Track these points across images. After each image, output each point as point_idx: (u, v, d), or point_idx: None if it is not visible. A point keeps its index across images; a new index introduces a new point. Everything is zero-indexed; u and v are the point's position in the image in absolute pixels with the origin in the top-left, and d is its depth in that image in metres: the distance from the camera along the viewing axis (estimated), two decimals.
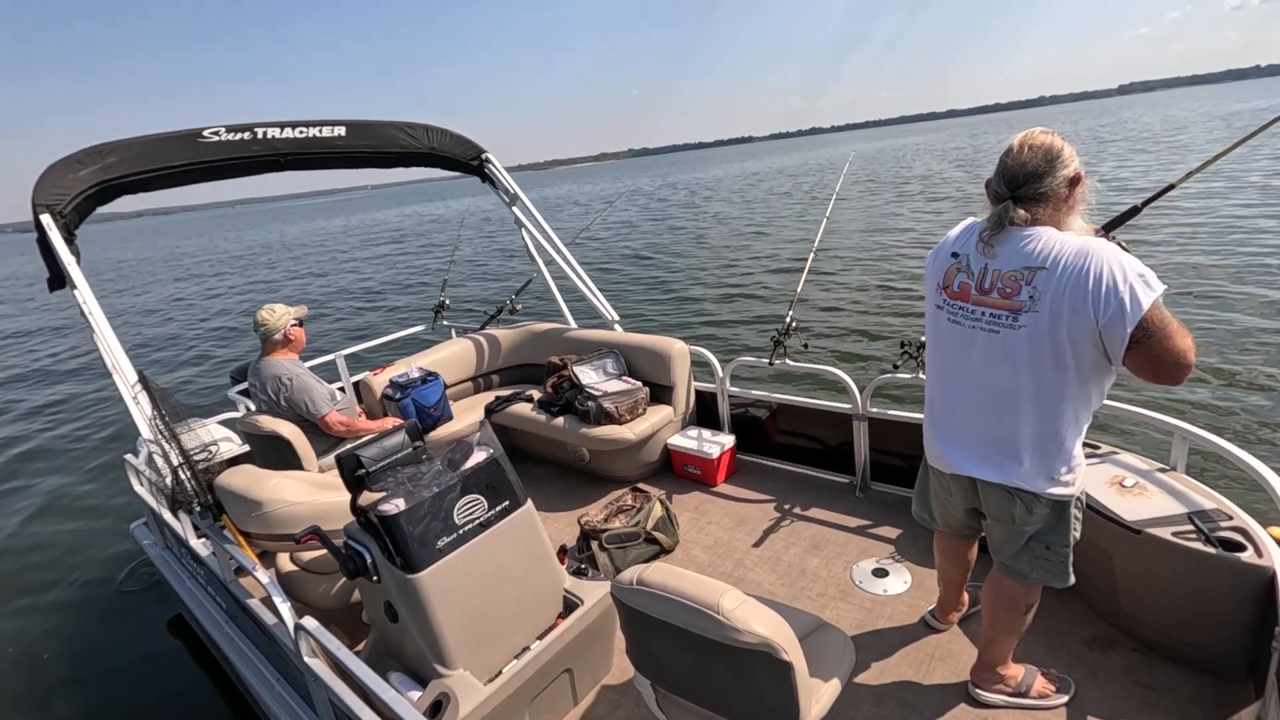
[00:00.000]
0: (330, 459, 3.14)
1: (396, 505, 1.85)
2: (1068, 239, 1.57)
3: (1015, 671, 2.05)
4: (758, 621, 1.37)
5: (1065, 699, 2.02)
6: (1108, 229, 1.95)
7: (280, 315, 3.24)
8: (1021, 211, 1.61)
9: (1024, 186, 1.62)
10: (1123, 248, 1.90)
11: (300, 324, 3.31)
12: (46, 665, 3.66)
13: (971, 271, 1.70)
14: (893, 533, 2.97)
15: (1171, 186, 2.23)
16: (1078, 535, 1.79)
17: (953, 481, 1.91)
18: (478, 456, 2.05)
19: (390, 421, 3.38)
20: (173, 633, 3.72)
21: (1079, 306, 1.50)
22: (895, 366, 2.96)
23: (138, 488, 3.31)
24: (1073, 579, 1.81)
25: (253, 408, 3.31)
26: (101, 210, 3.17)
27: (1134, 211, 2.11)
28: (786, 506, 3.29)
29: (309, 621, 1.95)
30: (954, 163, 31.59)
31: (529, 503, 2.14)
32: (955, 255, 1.76)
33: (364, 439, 1.94)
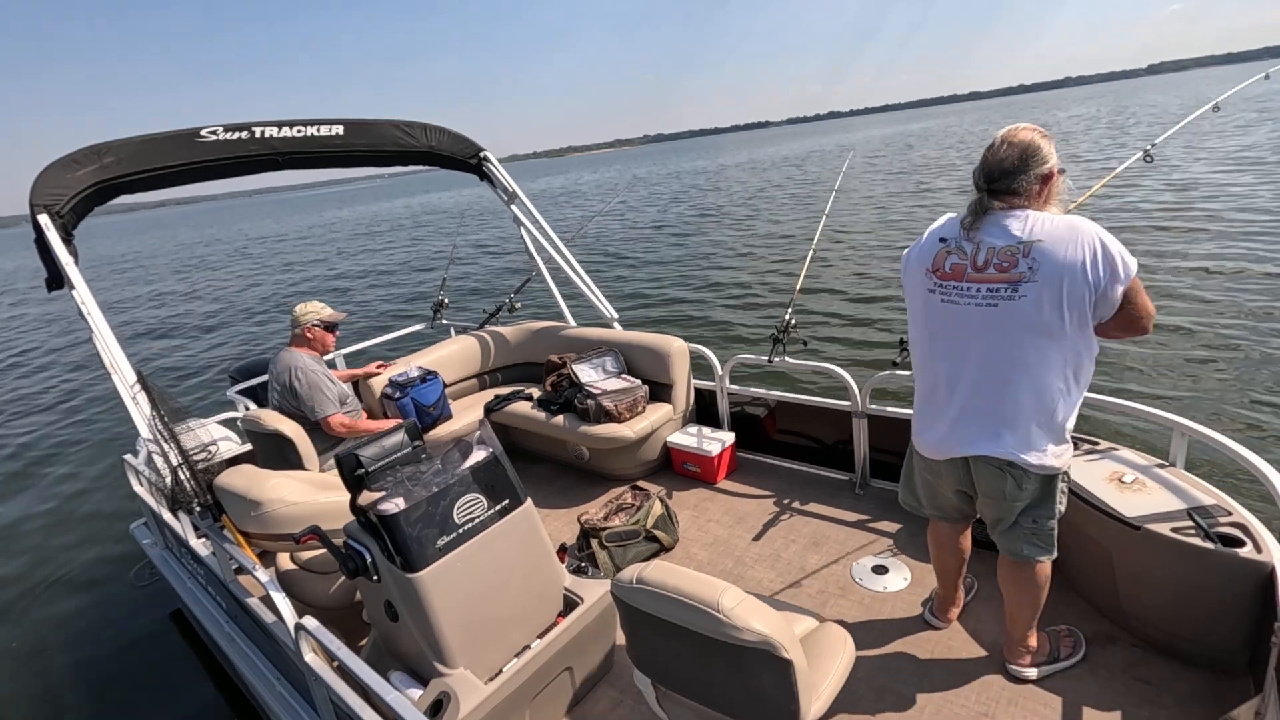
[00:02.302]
0: (331, 458, 3.14)
1: (396, 504, 1.85)
2: (1055, 217, 1.69)
3: (1040, 640, 2.13)
4: (757, 619, 1.37)
5: (1083, 652, 2.14)
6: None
7: (309, 312, 3.29)
8: (997, 204, 1.74)
9: (998, 181, 1.74)
10: None
11: (329, 329, 3.35)
12: (47, 663, 3.66)
13: (964, 251, 1.78)
14: (892, 529, 2.97)
15: (1128, 165, 2.80)
16: (1063, 509, 1.90)
17: (944, 465, 1.96)
18: (477, 455, 2.05)
19: (391, 422, 3.38)
20: (173, 632, 3.72)
21: (1077, 275, 1.61)
22: (895, 364, 2.95)
23: (137, 488, 3.31)
24: (1056, 552, 1.93)
25: (252, 407, 3.32)
26: (122, 200, 3.17)
27: (1090, 193, 2.58)
28: (786, 504, 3.29)
29: (309, 621, 1.95)
30: (963, 152, 30.99)
31: (529, 501, 2.14)
32: (943, 240, 1.84)
33: (363, 439, 1.94)
